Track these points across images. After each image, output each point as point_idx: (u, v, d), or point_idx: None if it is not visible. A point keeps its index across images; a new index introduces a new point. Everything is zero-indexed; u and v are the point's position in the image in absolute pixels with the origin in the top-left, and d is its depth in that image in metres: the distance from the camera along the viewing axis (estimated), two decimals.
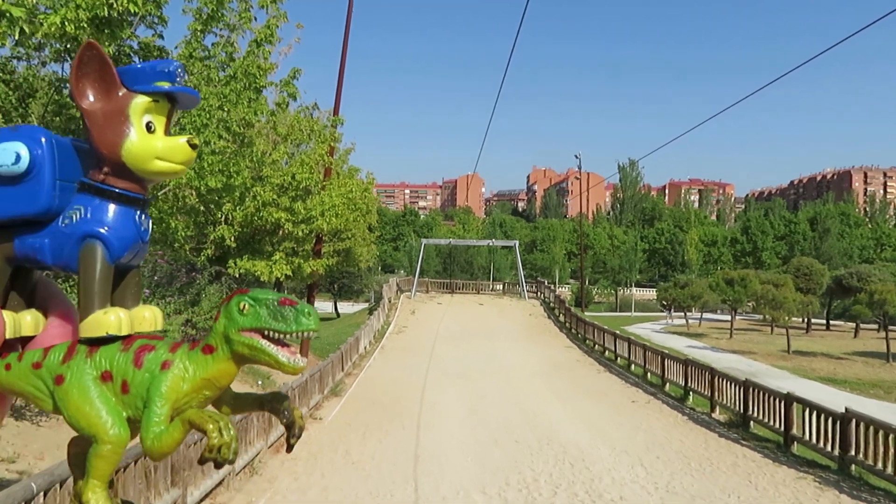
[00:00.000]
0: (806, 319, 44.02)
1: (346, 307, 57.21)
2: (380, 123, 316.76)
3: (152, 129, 1.79)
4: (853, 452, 10.38)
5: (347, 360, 20.43)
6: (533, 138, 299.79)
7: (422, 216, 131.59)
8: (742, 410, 14.20)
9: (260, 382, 16.17)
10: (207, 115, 11.89)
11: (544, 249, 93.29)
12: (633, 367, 22.38)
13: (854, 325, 45.04)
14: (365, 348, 24.98)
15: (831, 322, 51.61)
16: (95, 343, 1.78)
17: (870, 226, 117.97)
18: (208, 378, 1.72)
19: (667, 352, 19.80)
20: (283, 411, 1.73)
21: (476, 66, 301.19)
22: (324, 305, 60.91)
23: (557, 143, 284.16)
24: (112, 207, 1.81)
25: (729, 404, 14.95)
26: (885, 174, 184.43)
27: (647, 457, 11.70)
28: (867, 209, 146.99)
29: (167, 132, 1.82)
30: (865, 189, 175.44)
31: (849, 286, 40.32)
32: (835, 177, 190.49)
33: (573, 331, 32.15)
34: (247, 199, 15.50)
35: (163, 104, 1.81)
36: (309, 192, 17.20)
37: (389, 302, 38.43)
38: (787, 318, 30.43)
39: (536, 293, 44.44)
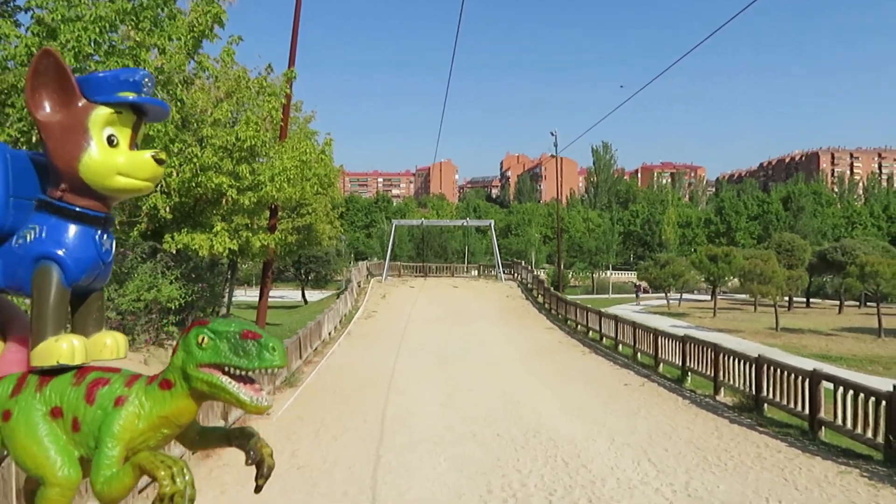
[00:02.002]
0: (789, 296, 42.91)
1: (316, 296, 54.87)
2: (352, 112, 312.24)
3: (115, 142, 1.76)
4: None
5: (307, 346, 18.31)
6: (506, 125, 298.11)
7: (395, 203, 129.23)
8: (754, 392, 12.42)
9: None
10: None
11: (519, 233, 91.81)
12: (620, 347, 20.64)
13: (837, 301, 44.12)
14: (329, 334, 22.86)
15: (811, 300, 50.82)
16: (47, 374, 1.81)
17: (839, 205, 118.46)
18: (166, 416, 1.71)
19: (660, 329, 18.03)
20: (251, 450, 1.81)
21: (448, 54, 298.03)
22: (293, 294, 58.52)
23: (531, 130, 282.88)
24: (70, 227, 1.78)
25: (737, 385, 13.18)
26: (851, 155, 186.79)
27: (653, 450, 9.84)
28: (836, 189, 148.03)
29: (133, 146, 1.81)
30: (833, 170, 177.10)
31: (833, 261, 39.16)
32: (803, 158, 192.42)
33: (553, 311, 30.37)
34: (174, 158, 13.24)
35: (127, 116, 1.78)
36: (255, 155, 14.98)
37: (359, 286, 36.30)
38: (775, 293, 28.91)
39: (513, 275, 42.61)
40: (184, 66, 13.68)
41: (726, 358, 13.76)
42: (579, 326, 25.51)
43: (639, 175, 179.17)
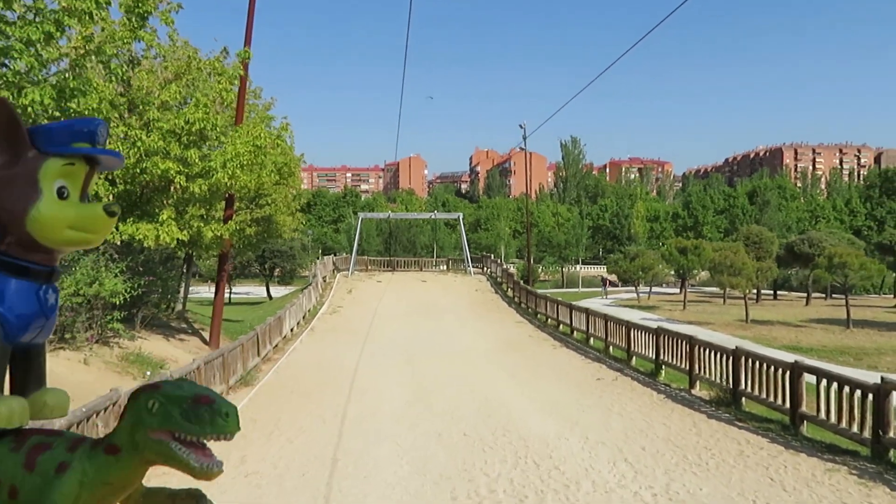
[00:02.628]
0: (757, 288, 43.09)
1: (282, 292, 53.64)
2: (319, 105, 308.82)
3: (65, 195, 1.66)
4: (893, 433, 8.15)
5: (266, 343, 17.40)
6: (476, 120, 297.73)
7: (363, 198, 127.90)
8: (731, 385, 11.92)
9: (148, 373, 13.05)
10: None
11: (488, 228, 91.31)
12: (591, 340, 20.13)
13: (804, 293, 44.46)
14: (291, 330, 21.95)
15: (778, 292, 51.26)
16: None
17: (802, 200, 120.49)
18: (110, 483, 1.60)
19: (633, 322, 17.52)
20: None
21: (420, 49, 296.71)
22: (258, 290, 57.14)
23: (500, 125, 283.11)
24: (12, 282, 1.67)
25: (714, 378, 12.69)
26: (813, 150, 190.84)
27: (629, 448, 9.24)
28: (799, 184, 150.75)
29: (84, 197, 1.71)
30: (796, 165, 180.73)
31: (800, 252, 39.32)
32: (767, 154, 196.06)
33: (522, 305, 29.82)
34: (120, 143, 12.28)
35: (80, 167, 1.70)
36: (205, 139, 14.02)
37: (324, 281, 35.33)
38: (745, 285, 28.74)
39: (482, 268, 42.01)
40: (128, 42, 12.70)
41: (702, 350, 13.27)
42: (549, 320, 24.98)
43: (607, 170, 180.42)
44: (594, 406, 12.23)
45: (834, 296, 49.89)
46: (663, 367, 14.98)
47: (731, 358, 12.04)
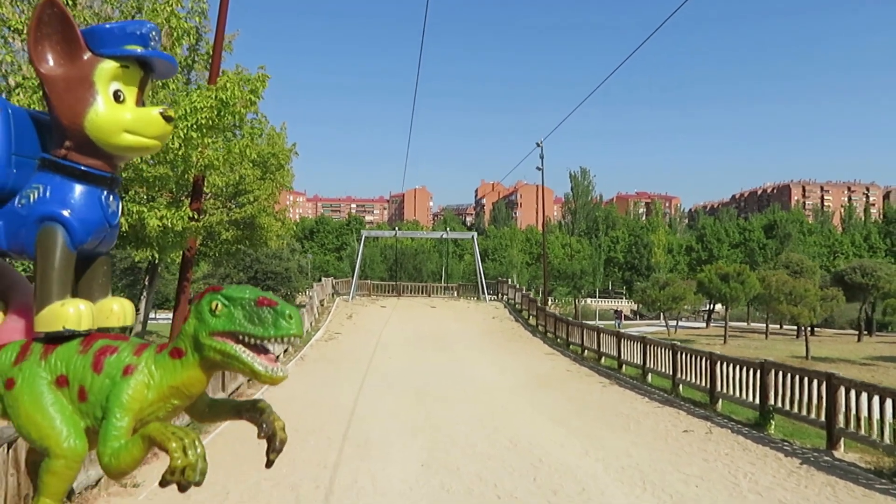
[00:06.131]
0: (796, 323, 38.91)
1: None
2: (325, 137, 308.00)
3: (121, 98, 1.74)
4: None
5: (236, 376, 13.38)
6: (482, 153, 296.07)
7: (368, 227, 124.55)
8: None
9: None
10: None
11: (497, 258, 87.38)
12: (650, 377, 16.09)
13: (838, 329, 40.27)
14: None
15: (814, 328, 47.06)
16: (52, 341, 1.78)
17: (821, 234, 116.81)
18: (176, 386, 1.72)
19: (717, 353, 13.48)
20: (263, 423, 1.84)
21: (424, 80, 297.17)
22: None
23: (506, 159, 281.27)
24: (75, 187, 1.76)
25: (874, 437, 8.65)
26: (821, 188, 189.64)
27: None
28: (811, 219, 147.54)
29: (140, 103, 1.79)
30: (804, 202, 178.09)
31: (852, 282, 35.16)
32: (774, 190, 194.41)
33: (549, 335, 25.74)
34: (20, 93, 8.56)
35: (134, 71, 1.76)
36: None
37: (322, 305, 31.34)
38: (808, 315, 24.66)
39: (498, 294, 37.99)
40: None
41: (850, 394, 9.22)
42: (587, 351, 20.92)
43: (614, 204, 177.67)
44: (706, 476, 8.17)
45: (878, 333, 45.74)
46: (773, 414, 10.92)
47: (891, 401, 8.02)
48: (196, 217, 13.23)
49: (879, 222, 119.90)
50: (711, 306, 50.44)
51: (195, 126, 9.85)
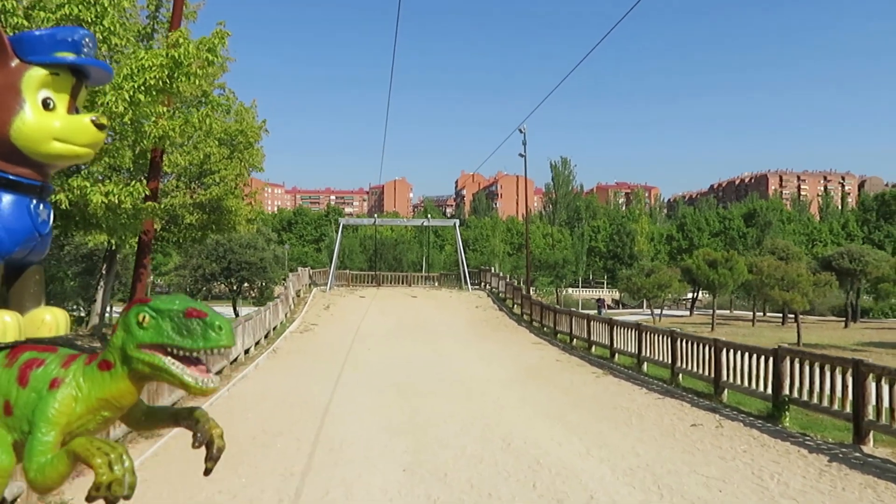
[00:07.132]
0: (783, 311, 38.41)
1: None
2: (304, 128, 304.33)
3: (51, 106, 1.63)
4: None
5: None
6: (462, 144, 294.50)
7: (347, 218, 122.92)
8: None
9: None
10: None
11: (478, 248, 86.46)
12: (645, 365, 15.18)
13: (818, 316, 39.89)
14: (246, 352, 16.73)
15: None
16: None
17: (799, 223, 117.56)
18: (106, 398, 1.58)
19: (722, 340, 12.59)
20: (198, 432, 1.68)
21: (402, 70, 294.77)
22: (224, 311, 51.53)
23: (487, 150, 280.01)
24: (2, 196, 1.65)
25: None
26: (798, 177, 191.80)
27: None
28: (789, 207, 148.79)
29: (72, 110, 1.68)
30: (781, 192, 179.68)
31: (840, 268, 34.65)
32: (752, 180, 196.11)
33: (535, 323, 24.78)
34: None
35: (65, 78, 1.65)
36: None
37: (298, 295, 30.09)
38: (801, 301, 23.95)
39: (480, 283, 36.99)
40: None
41: (882, 383, 8.30)
42: (576, 340, 19.98)
43: (595, 194, 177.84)
44: (727, 479, 7.18)
45: (862, 319, 45.53)
46: (788, 406, 10.01)
47: None
48: (154, 196, 12.01)
49: (856, 210, 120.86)
50: (696, 294, 49.99)
51: (143, 87, 8.60)
